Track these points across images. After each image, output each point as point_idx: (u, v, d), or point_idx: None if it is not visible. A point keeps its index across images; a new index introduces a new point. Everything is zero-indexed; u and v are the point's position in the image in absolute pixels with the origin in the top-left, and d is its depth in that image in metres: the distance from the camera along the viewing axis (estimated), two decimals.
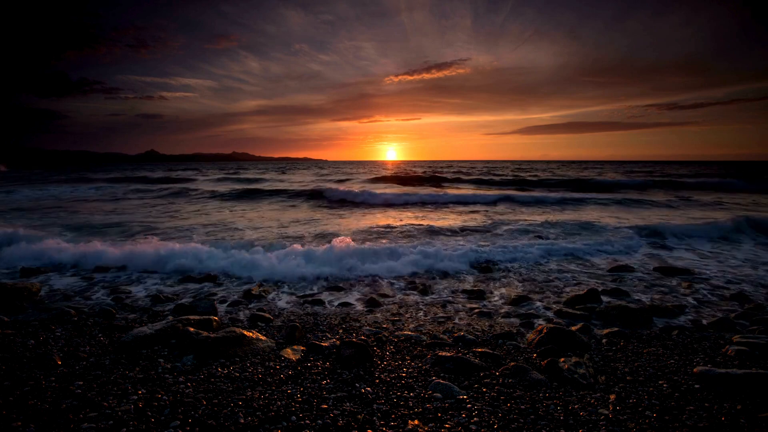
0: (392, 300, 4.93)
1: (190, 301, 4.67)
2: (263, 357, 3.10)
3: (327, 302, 4.82)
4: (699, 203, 15.69)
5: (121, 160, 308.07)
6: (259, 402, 2.37)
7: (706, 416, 2.25)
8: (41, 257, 6.40)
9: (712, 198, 17.42)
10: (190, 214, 12.72)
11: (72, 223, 10.38)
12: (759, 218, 9.51)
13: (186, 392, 2.46)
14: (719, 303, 4.73)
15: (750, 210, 12.62)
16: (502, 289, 5.34)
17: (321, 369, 2.91)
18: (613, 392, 2.60)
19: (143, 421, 2.12)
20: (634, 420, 2.24)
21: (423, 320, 4.22)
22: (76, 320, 3.95)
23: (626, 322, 4.04)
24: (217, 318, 3.87)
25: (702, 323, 4.08)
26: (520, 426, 2.17)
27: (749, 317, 4.17)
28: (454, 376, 2.82)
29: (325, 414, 2.25)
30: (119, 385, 2.52)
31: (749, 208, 13.66)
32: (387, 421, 2.21)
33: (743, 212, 10.71)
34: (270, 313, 4.36)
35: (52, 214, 12.32)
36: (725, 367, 2.92)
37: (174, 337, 3.30)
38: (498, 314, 4.40)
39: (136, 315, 4.26)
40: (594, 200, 16.22)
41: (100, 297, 4.90)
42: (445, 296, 5.06)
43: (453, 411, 2.32)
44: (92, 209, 13.91)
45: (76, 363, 2.89)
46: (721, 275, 5.89)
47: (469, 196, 17.08)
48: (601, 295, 4.87)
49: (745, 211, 11.91)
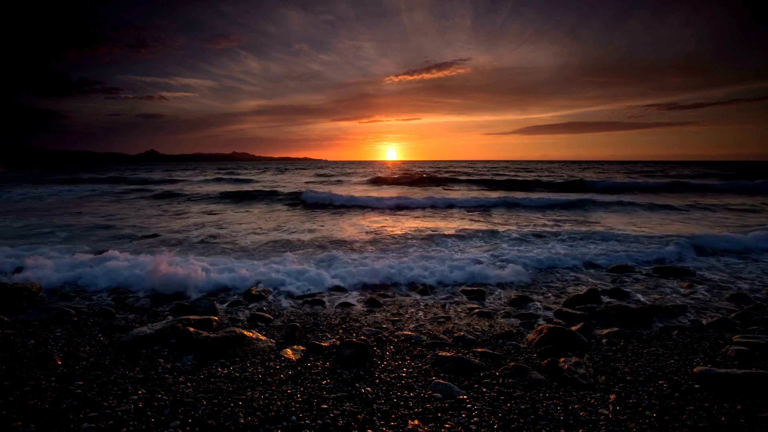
0: (392, 300, 4.93)
1: (191, 301, 4.67)
2: (263, 357, 3.10)
3: (327, 302, 4.82)
4: (730, 208, 13.93)
5: (121, 160, 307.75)
6: (259, 402, 2.37)
7: (706, 416, 2.25)
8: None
9: (742, 202, 15.67)
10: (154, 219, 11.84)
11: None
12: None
13: (186, 392, 2.46)
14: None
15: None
16: (502, 289, 5.34)
17: (321, 369, 2.91)
18: (613, 392, 2.60)
19: (143, 421, 2.12)
20: (634, 420, 2.24)
21: (423, 320, 4.23)
22: (76, 320, 3.95)
23: (626, 322, 4.04)
24: (217, 318, 3.87)
25: (702, 323, 4.08)
26: (520, 426, 2.17)
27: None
28: (454, 376, 2.82)
29: (325, 414, 2.25)
30: (119, 385, 2.52)
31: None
32: (387, 421, 2.21)
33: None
34: (270, 313, 4.36)
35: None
36: (725, 367, 2.92)
37: (174, 337, 3.30)
38: (498, 314, 4.40)
39: (136, 315, 4.26)
40: (618, 204, 14.74)
41: (100, 297, 4.90)
42: (444, 296, 5.06)
43: (453, 411, 2.32)
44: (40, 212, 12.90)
45: (76, 363, 2.89)
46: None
47: (466, 201, 15.60)
48: (601, 295, 4.87)
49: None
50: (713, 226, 10.48)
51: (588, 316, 4.26)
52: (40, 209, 13.99)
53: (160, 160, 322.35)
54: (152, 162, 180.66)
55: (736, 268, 6.28)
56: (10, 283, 4.83)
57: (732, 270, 6.19)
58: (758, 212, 13.35)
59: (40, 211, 13.32)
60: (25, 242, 7.91)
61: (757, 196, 18.56)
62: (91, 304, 4.60)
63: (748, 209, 14.04)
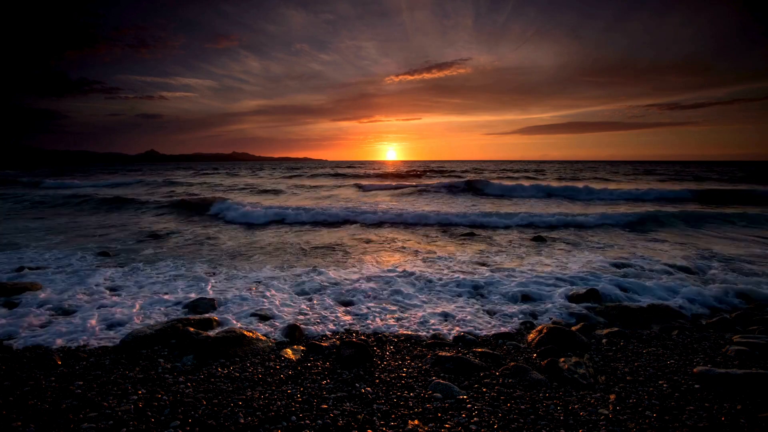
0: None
1: (191, 300, 4.66)
2: (263, 357, 3.10)
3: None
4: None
5: (121, 161, 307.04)
6: (259, 402, 2.37)
7: (706, 416, 2.25)
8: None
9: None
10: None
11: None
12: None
13: (186, 392, 2.46)
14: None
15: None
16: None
17: (321, 369, 2.91)
18: (613, 392, 2.60)
19: (143, 421, 2.12)
20: (634, 420, 2.24)
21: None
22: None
23: (626, 322, 4.04)
24: (217, 318, 3.87)
25: (702, 323, 4.08)
26: (520, 426, 2.17)
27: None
28: (454, 376, 2.82)
29: (325, 414, 2.25)
30: (119, 385, 2.52)
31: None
32: (387, 421, 2.21)
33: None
34: (270, 313, 4.36)
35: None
36: (725, 367, 2.93)
37: (174, 337, 3.30)
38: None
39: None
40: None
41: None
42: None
43: (453, 411, 2.32)
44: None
45: (76, 363, 2.89)
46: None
47: (411, 216, 10.92)
48: (601, 295, 4.86)
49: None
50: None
51: (588, 315, 4.25)
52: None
53: (160, 160, 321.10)
54: (152, 162, 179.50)
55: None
56: (10, 283, 4.82)
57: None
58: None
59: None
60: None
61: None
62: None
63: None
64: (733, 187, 21.10)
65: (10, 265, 5.93)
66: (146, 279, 5.36)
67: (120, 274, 5.55)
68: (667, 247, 7.65)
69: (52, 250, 7.03)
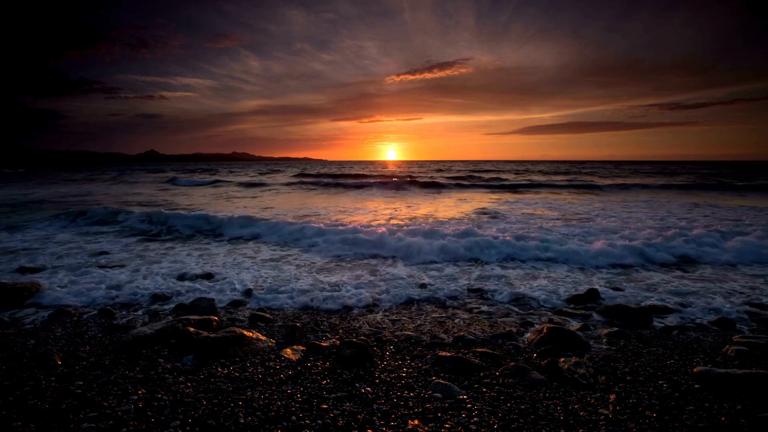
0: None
1: (191, 300, 4.66)
2: (263, 357, 3.10)
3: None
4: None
5: (121, 160, 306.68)
6: (259, 402, 2.37)
7: (706, 416, 2.25)
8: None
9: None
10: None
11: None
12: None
13: (186, 392, 2.46)
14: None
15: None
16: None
17: (321, 369, 2.91)
18: (613, 392, 2.60)
19: (143, 421, 2.12)
20: (634, 420, 2.24)
21: (423, 320, 4.22)
22: (76, 320, 3.95)
23: (626, 322, 4.04)
24: (217, 318, 3.87)
25: (702, 323, 4.08)
26: (520, 426, 2.17)
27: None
28: (454, 376, 2.82)
29: (325, 414, 2.25)
30: (119, 385, 2.52)
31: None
32: (387, 421, 2.21)
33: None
34: (270, 312, 4.36)
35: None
36: (725, 367, 2.93)
37: (174, 337, 3.29)
38: (498, 314, 4.40)
39: (137, 314, 4.26)
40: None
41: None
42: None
43: (453, 411, 2.32)
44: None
45: (76, 363, 2.89)
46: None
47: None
48: (601, 295, 4.87)
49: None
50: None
51: (588, 315, 4.26)
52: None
53: (161, 160, 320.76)
54: (152, 162, 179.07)
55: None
56: (10, 283, 4.83)
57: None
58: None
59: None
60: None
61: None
62: (90, 302, 4.58)
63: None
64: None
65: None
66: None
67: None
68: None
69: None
